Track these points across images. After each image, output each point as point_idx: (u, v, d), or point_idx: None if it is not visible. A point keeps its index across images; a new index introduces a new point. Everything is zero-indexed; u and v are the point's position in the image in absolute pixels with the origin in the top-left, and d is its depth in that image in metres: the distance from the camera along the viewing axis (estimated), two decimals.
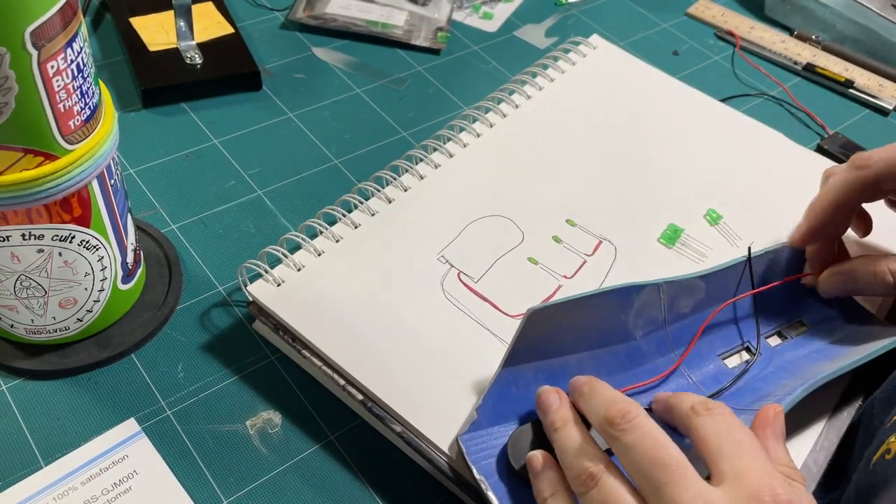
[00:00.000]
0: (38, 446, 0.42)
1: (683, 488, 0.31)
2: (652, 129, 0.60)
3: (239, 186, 0.56)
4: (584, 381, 0.38)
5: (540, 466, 0.37)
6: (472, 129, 0.57)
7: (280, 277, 0.46)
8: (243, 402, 0.44)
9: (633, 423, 0.33)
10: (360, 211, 0.51)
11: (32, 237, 0.39)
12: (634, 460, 0.32)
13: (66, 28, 0.35)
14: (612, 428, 0.34)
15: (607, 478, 0.33)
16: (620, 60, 0.67)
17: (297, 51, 0.69)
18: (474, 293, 0.48)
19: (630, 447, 0.33)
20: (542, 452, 0.37)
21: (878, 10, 0.76)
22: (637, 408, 0.34)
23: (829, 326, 0.48)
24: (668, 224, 0.53)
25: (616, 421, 0.34)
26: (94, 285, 0.43)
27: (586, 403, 0.37)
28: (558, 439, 0.36)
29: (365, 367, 0.43)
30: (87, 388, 0.44)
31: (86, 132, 0.38)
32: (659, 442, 0.32)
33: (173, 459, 0.42)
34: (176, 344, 0.47)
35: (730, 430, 0.33)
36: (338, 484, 0.42)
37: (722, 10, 0.80)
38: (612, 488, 0.33)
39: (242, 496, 0.41)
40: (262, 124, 0.61)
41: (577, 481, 0.34)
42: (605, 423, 0.35)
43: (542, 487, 0.36)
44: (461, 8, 0.76)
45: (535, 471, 0.37)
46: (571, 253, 0.51)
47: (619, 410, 0.34)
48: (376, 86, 0.66)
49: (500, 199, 0.53)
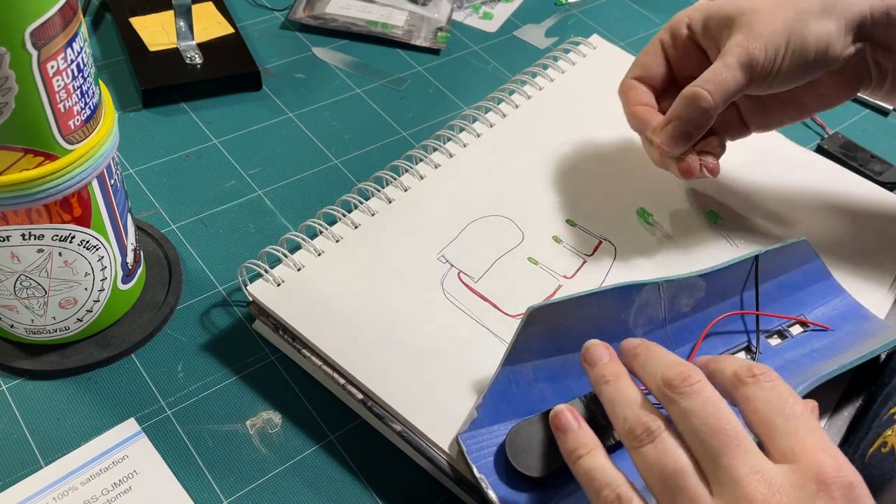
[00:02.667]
0: (38, 446, 0.42)
1: (742, 460, 0.30)
2: None
3: (239, 186, 0.56)
4: (636, 342, 0.37)
5: (573, 422, 0.35)
6: (472, 129, 0.57)
7: (280, 277, 0.46)
8: (243, 402, 0.44)
9: (693, 387, 0.32)
10: (360, 211, 0.51)
11: (32, 237, 0.39)
12: (694, 426, 0.31)
13: (66, 28, 0.35)
14: (672, 391, 0.33)
15: (666, 436, 0.32)
16: (620, 60, 0.67)
17: (297, 51, 0.69)
18: (474, 293, 0.48)
19: (690, 412, 0.32)
20: (569, 407, 0.36)
21: None
22: (698, 372, 0.33)
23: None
24: (668, 223, 0.53)
25: (676, 383, 0.33)
26: (94, 285, 0.43)
27: (642, 365, 0.35)
28: (609, 391, 0.35)
29: (365, 367, 0.43)
30: (87, 388, 0.44)
31: (86, 132, 0.38)
32: (720, 409, 0.31)
33: (173, 459, 0.42)
34: (176, 344, 0.47)
35: (781, 400, 0.31)
36: (338, 484, 0.42)
37: None
38: (671, 447, 0.31)
39: (242, 496, 0.41)
40: (262, 124, 0.61)
41: (632, 434, 0.33)
42: (664, 384, 0.33)
43: (577, 444, 0.35)
44: (461, 8, 0.76)
45: (568, 426, 0.35)
46: (571, 253, 0.51)
47: (680, 373, 0.33)
48: (376, 86, 0.66)
49: (500, 199, 0.53)
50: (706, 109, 0.46)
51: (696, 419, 0.31)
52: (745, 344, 0.47)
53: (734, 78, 0.46)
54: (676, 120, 0.47)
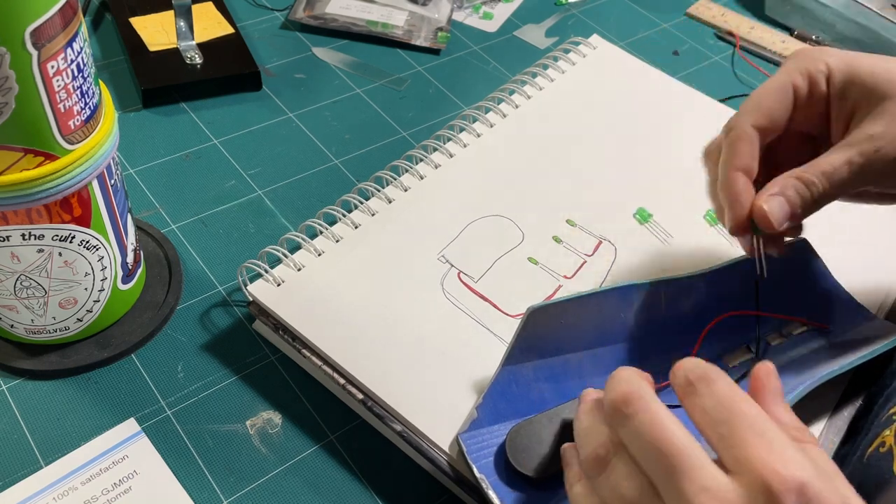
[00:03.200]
0: (38, 446, 0.42)
1: (689, 480, 0.28)
2: (652, 130, 0.60)
3: (239, 186, 0.56)
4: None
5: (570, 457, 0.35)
6: (472, 129, 0.57)
7: (280, 277, 0.46)
8: (243, 402, 0.44)
9: (632, 407, 0.30)
10: (360, 211, 0.51)
11: (32, 237, 0.39)
12: (638, 452, 0.30)
13: (66, 28, 0.35)
14: (616, 415, 0.31)
15: (618, 464, 0.31)
16: (620, 60, 0.67)
17: (298, 51, 0.69)
18: (474, 293, 0.48)
19: (633, 437, 0.30)
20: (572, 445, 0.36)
21: (878, 10, 0.76)
22: (640, 388, 0.31)
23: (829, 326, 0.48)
24: (668, 224, 0.53)
25: (617, 406, 0.31)
26: (94, 285, 0.43)
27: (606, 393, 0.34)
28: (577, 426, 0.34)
29: (365, 367, 0.43)
30: (87, 388, 0.44)
31: (86, 132, 0.38)
32: (663, 429, 0.29)
33: (173, 459, 0.42)
34: (176, 344, 0.47)
35: (721, 408, 0.29)
36: (338, 484, 0.42)
37: (722, 10, 0.80)
38: (622, 476, 0.30)
39: (242, 496, 0.41)
40: (262, 124, 0.61)
41: (587, 465, 0.32)
42: (609, 409, 0.32)
43: (569, 475, 0.34)
44: (461, 8, 0.76)
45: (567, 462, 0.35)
46: (571, 253, 0.51)
47: (621, 394, 0.31)
48: (376, 86, 0.66)
49: (500, 199, 0.53)
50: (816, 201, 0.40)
51: (638, 444, 0.30)
52: (745, 344, 0.46)
53: (850, 180, 0.40)
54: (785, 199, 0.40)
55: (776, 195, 0.40)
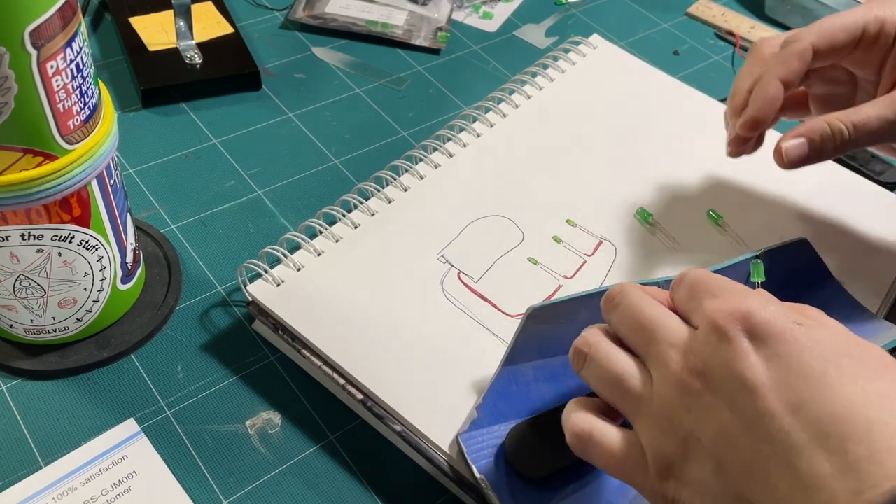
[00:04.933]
0: (37, 446, 0.42)
1: (661, 344, 0.32)
2: (652, 130, 0.60)
3: (239, 186, 0.56)
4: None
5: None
6: (472, 129, 0.57)
7: (280, 277, 0.46)
8: (243, 402, 0.44)
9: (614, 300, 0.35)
10: (359, 211, 0.51)
11: (32, 237, 0.39)
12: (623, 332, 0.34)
13: (66, 28, 0.35)
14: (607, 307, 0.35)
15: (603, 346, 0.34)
16: (620, 60, 0.67)
17: (297, 51, 0.69)
18: (474, 293, 0.48)
19: (618, 322, 0.34)
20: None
21: None
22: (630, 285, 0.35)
23: None
24: (668, 224, 0.53)
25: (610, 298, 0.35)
26: (93, 285, 0.43)
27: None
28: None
29: (365, 367, 0.43)
30: (86, 389, 0.44)
31: (85, 132, 0.38)
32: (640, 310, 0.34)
33: (173, 459, 0.42)
34: (176, 344, 0.47)
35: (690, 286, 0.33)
36: (338, 484, 0.42)
37: (722, 9, 0.80)
38: (608, 355, 0.34)
39: (242, 496, 0.41)
40: (262, 124, 0.61)
41: (574, 359, 0.35)
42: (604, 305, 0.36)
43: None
44: (461, 8, 0.76)
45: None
46: (571, 253, 0.51)
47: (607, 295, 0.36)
48: (376, 86, 0.66)
49: (500, 199, 0.53)
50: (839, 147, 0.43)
51: (622, 326, 0.34)
52: None
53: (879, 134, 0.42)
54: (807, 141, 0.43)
55: (800, 136, 0.43)
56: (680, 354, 0.31)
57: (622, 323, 0.34)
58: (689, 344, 0.31)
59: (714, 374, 0.30)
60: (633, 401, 0.32)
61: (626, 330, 0.34)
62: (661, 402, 0.31)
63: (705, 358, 0.30)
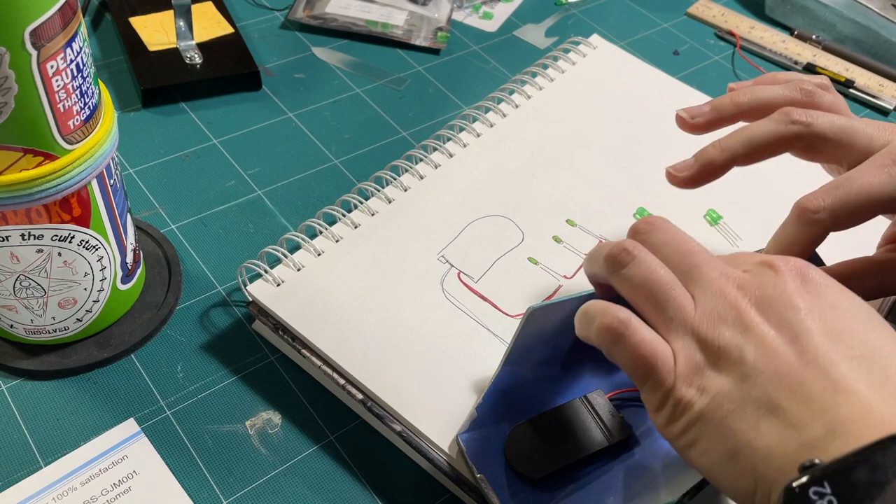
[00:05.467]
0: (37, 446, 0.42)
1: (711, 268, 0.33)
2: (652, 129, 0.60)
3: (239, 186, 0.56)
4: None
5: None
6: (472, 129, 0.57)
7: (280, 277, 0.46)
8: (243, 402, 0.44)
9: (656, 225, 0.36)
10: (360, 211, 0.51)
11: (32, 237, 0.39)
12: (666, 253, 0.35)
13: (66, 28, 0.35)
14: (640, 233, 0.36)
15: (646, 254, 0.34)
16: (620, 60, 0.67)
17: (297, 51, 0.69)
18: (474, 293, 0.48)
19: (660, 243, 0.35)
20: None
21: (879, 10, 0.76)
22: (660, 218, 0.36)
23: None
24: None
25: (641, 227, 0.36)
26: (93, 285, 0.43)
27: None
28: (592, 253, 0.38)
29: (365, 367, 0.43)
30: (86, 389, 0.44)
31: (85, 132, 0.38)
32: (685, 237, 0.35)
33: (173, 460, 0.42)
34: (175, 344, 0.47)
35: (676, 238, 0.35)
36: (338, 484, 0.42)
37: (722, 9, 0.80)
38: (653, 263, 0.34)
39: (242, 496, 0.41)
40: (262, 124, 0.61)
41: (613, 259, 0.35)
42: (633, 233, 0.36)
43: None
44: (461, 8, 0.76)
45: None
46: (571, 253, 0.51)
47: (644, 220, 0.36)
48: (376, 86, 0.66)
49: (500, 199, 0.53)
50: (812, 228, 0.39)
51: (666, 248, 0.35)
52: None
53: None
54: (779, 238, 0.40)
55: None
56: (728, 279, 0.32)
57: (667, 243, 0.35)
58: (741, 277, 0.33)
59: (767, 299, 0.31)
60: (674, 307, 0.33)
61: (670, 251, 0.34)
62: (704, 315, 0.32)
63: (760, 285, 0.32)
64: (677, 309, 0.33)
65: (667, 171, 0.45)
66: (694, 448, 0.31)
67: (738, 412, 0.30)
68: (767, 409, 0.29)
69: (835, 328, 0.30)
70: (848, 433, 0.27)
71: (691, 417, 0.31)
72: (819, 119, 0.41)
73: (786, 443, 0.28)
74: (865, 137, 0.40)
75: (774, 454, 0.28)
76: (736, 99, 0.44)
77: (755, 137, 0.42)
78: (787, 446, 0.28)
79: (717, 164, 0.43)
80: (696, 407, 0.31)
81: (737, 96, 0.45)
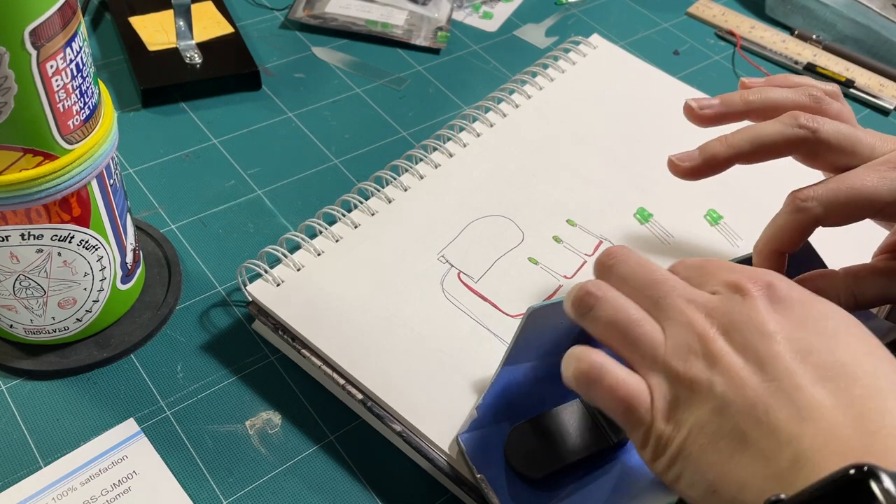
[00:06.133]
0: (37, 446, 0.42)
1: (678, 296, 0.33)
2: (652, 129, 0.60)
3: (239, 186, 0.56)
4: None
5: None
6: (472, 129, 0.57)
7: (280, 277, 0.46)
8: (243, 402, 0.44)
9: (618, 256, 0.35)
10: (360, 211, 0.51)
11: (32, 237, 0.39)
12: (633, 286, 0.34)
13: (66, 28, 0.35)
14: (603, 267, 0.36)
15: (611, 294, 0.34)
16: (621, 60, 0.67)
17: (297, 50, 0.69)
18: (474, 293, 0.48)
19: (625, 276, 0.35)
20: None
21: (879, 9, 0.76)
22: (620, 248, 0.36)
23: None
24: (668, 223, 0.53)
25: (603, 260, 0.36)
26: (93, 285, 0.43)
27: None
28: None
29: (365, 367, 0.43)
30: (86, 389, 0.44)
31: (85, 132, 0.38)
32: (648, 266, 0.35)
33: (173, 460, 0.42)
34: (175, 344, 0.47)
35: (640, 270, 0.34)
36: (338, 484, 0.42)
37: (722, 9, 0.80)
38: (619, 303, 0.34)
39: (242, 496, 0.41)
40: (262, 124, 0.61)
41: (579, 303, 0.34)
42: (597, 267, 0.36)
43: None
44: (461, 7, 0.76)
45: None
46: (571, 253, 0.51)
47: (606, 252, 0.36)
48: (376, 86, 0.66)
49: (500, 199, 0.53)
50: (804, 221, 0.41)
51: (632, 280, 0.34)
52: None
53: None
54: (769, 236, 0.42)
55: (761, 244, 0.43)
56: (695, 308, 0.32)
57: (632, 276, 0.34)
58: (710, 302, 0.32)
59: (735, 326, 0.31)
60: (646, 345, 0.32)
61: (635, 283, 0.34)
62: (673, 349, 0.32)
63: (727, 311, 0.32)
64: (647, 346, 0.32)
65: (669, 159, 0.45)
66: (680, 482, 0.31)
67: (712, 446, 0.29)
68: (738, 441, 0.29)
69: (802, 349, 0.30)
70: (812, 463, 0.27)
71: (672, 453, 0.31)
72: (825, 126, 0.41)
73: (756, 475, 0.28)
74: (867, 147, 0.41)
75: (748, 487, 0.28)
76: (746, 97, 0.45)
77: (761, 137, 0.42)
78: (757, 478, 0.28)
79: (721, 159, 0.43)
80: (676, 442, 0.31)
81: (747, 94, 0.45)
